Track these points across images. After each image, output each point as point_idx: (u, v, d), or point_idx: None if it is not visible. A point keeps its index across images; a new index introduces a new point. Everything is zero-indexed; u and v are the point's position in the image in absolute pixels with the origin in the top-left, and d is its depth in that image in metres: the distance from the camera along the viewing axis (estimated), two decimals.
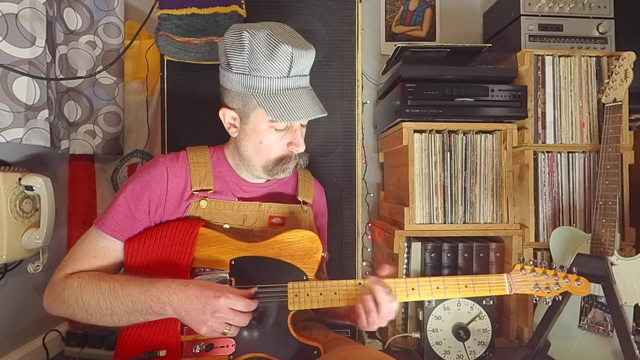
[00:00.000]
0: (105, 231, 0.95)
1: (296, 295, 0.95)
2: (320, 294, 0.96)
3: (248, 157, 1.03)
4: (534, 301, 1.02)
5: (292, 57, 0.93)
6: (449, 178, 1.53)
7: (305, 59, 0.97)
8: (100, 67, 1.55)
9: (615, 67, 1.42)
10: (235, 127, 1.03)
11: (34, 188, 1.26)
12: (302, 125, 1.04)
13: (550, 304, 1.30)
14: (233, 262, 0.96)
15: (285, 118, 0.95)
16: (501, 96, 1.50)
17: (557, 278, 0.99)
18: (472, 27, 2.03)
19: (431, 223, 1.52)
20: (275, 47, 0.92)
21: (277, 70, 0.94)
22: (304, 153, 1.07)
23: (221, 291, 0.87)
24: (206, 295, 0.86)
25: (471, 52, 1.60)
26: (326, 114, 1.01)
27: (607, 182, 1.34)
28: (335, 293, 0.96)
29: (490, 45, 1.58)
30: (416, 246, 1.54)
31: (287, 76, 0.96)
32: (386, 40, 2.01)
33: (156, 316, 0.89)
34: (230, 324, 0.87)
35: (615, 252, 1.29)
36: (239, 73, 0.97)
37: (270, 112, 0.94)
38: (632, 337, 1.21)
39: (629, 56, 1.39)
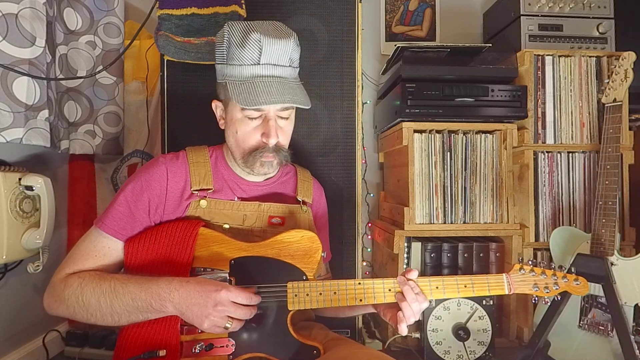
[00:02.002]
0: (105, 231, 0.95)
1: (296, 295, 0.95)
2: (320, 293, 0.96)
3: (231, 148, 1.05)
4: (533, 301, 1.02)
5: (261, 44, 0.95)
6: (449, 178, 1.52)
7: (277, 47, 0.96)
8: (100, 67, 1.55)
9: (615, 67, 1.42)
10: (223, 118, 1.07)
11: (34, 188, 1.26)
12: (281, 117, 1.02)
13: (549, 303, 1.30)
14: (233, 262, 0.96)
15: (247, 102, 0.95)
16: (501, 96, 1.50)
17: (555, 278, 0.99)
18: (472, 27, 2.03)
19: (431, 223, 1.52)
20: (247, 35, 0.95)
21: (248, 57, 0.96)
22: (284, 150, 1.05)
23: (222, 285, 0.88)
24: (207, 290, 0.86)
25: (471, 52, 1.60)
26: (304, 106, 1.00)
27: (607, 182, 1.33)
28: (335, 293, 0.96)
29: (490, 45, 1.57)
30: (416, 246, 1.54)
31: (258, 63, 0.97)
32: (386, 40, 2.01)
33: (156, 314, 0.89)
34: (232, 318, 0.87)
35: (615, 252, 1.29)
36: (219, 63, 1.02)
37: (235, 97, 0.96)
38: (632, 337, 1.21)
39: (629, 56, 1.38)
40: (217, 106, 1.08)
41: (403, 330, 0.93)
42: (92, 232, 0.98)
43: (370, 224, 1.90)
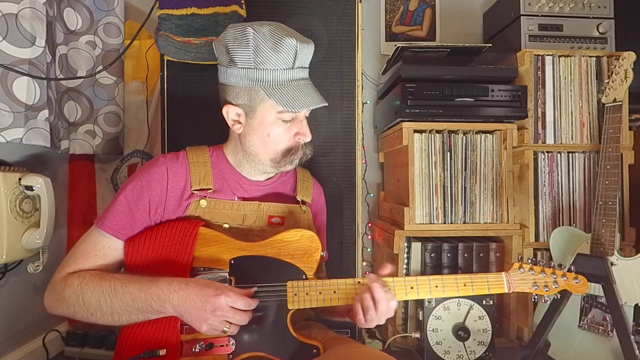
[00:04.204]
0: (105, 230, 0.95)
1: (295, 294, 0.95)
2: (320, 292, 0.96)
3: (254, 151, 1.04)
4: (533, 299, 1.02)
5: (297, 49, 0.97)
6: (449, 178, 1.53)
7: (307, 51, 1.01)
8: (100, 67, 1.55)
9: (615, 67, 1.42)
10: (240, 122, 1.04)
11: (34, 188, 1.26)
12: (305, 116, 1.07)
13: (549, 302, 1.30)
14: (233, 262, 0.97)
15: (295, 106, 0.97)
16: (501, 96, 1.51)
17: (555, 276, 0.99)
18: (472, 27, 2.03)
19: (431, 223, 1.52)
20: (280, 40, 0.95)
21: (283, 62, 0.97)
22: (309, 143, 1.09)
23: (221, 289, 0.88)
24: (206, 294, 0.86)
25: (471, 52, 1.61)
26: (327, 104, 1.05)
27: (607, 182, 1.33)
28: (335, 292, 0.96)
29: (490, 45, 1.58)
30: (416, 246, 1.54)
31: (292, 67, 0.99)
32: (386, 40, 2.01)
33: (156, 314, 0.89)
34: (230, 322, 0.87)
35: (615, 252, 1.29)
36: (245, 67, 0.98)
37: (279, 102, 0.97)
38: (632, 337, 1.21)
39: (629, 56, 1.39)
40: (229, 111, 1.03)
41: (362, 321, 0.93)
42: (92, 232, 0.98)
43: (370, 224, 1.90)
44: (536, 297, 1.00)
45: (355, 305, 0.94)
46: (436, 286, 0.97)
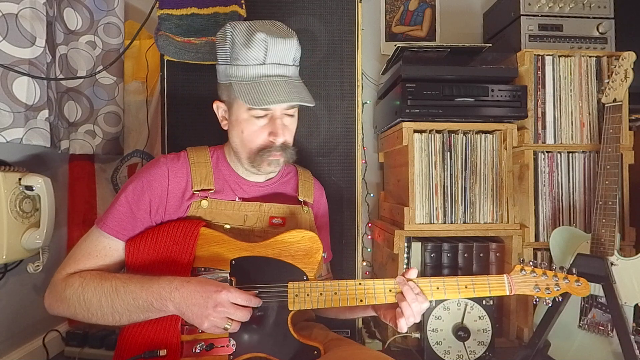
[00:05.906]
0: (106, 231, 0.95)
1: (296, 295, 0.95)
2: (321, 294, 0.96)
3: (236, 149, 1.05)
4: (534, 302, 1.02)
5: (267, 43, 0.95)
6: (449, 178, 1.52)
7: (282, 46, 0.97)
8: (100, 67, 1.55)
9: (615, 67, 1.42)
10: (226, 119, 1.06)
11: (34, 188, 1.26)
12: (287, 115, 1.03)
13: (550, 304, 1.30)
14: (234, 262, 0.96)
15: (255, 102, 0.95)
16: (501, 96, 1.50)
17: (557, 279, 0.99)
18: (472, 27, 2.03)
19: (431, 223, 1.52)
20: (252, 35, 0.95)
21: (253, 57, 0.96)
22: (290, 148, 1.06)
23: (222, 286, 0.88)
24: (208, 290, 0.86)
25: (471, 52, 1.60)
26: (309, 104, 1.00)
27: (607, 182, 1.34)
28: (336, 293, 0.96)
29: (490, 45, 1.58)
30: (416, 246, 1.54)
31: (263, 63, 0.97)
32: (386, 40, 2.01)
33: (157, 313, 0.89)
34: (232, 319, 0.87)
35: (615, 252, 1.29)
36: (222, 64, 1.01)
37: (243, 98, 0.96)
38: (632, 337, 1.21)
39: (629, 56, 1.39)
40: (218, 107, 1.07)
41: (402, 326, 0.93)
42: (93, 232, 0.98)
43: (370, 224, 1.90)
44: (537, 299, 1.00)
45: (397, 309, 0.94)
46: (437, 288, 0.97)
